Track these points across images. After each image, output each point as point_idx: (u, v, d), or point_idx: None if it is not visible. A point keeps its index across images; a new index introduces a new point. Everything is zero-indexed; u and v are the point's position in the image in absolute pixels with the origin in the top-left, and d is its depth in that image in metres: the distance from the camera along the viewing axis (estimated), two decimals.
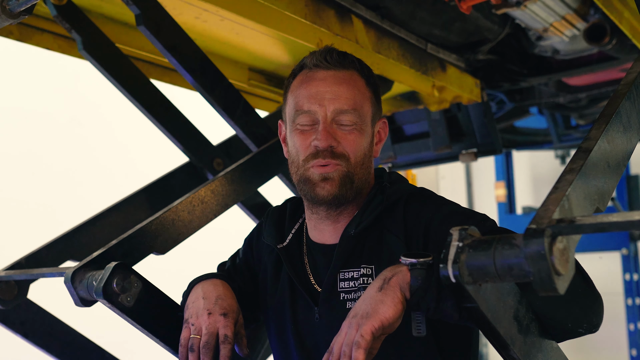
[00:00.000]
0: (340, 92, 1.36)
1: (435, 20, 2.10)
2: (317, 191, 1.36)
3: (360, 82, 1.40)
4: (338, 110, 1.35)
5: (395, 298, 1.09)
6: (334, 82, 1.37)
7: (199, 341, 1.27)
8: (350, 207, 1.41)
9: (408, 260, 1.11)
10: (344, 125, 1.36)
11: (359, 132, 1.37)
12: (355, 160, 1.37)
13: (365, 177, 1.40)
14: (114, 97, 2.30)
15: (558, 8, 2.12)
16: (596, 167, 1.04)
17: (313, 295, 1.39)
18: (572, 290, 0.89)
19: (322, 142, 1.34)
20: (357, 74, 1.41)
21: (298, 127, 1.38)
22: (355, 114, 1.36)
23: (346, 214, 1.41)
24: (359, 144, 1.37)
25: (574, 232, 0.81)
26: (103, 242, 1.68)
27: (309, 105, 1.36)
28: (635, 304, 4.53)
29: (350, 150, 1.36)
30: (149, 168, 2.74)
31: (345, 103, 1.35)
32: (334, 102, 1.35)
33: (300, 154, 1.37)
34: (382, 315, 1.08)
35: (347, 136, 1.36)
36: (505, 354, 1.04)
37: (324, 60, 1.39)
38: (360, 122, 1.37)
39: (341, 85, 1.37)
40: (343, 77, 1.38)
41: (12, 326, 1.67)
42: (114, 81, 1.90)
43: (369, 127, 1.40)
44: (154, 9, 1.74)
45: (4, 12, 1.27)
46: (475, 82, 2.59)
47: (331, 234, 1.43)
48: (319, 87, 1.37)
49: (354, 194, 1.38)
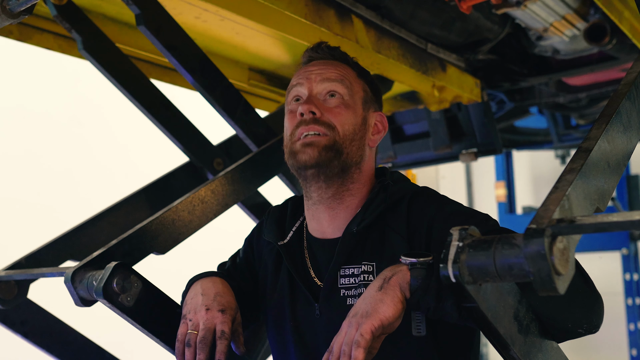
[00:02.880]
0: (328, 69, 1.43)
1: (435, 20, 2.10)
2: (299, 157, 1.37)
3: (350, 70, 1.46)
4: (324, 79, 1.40)
5: (395, 297, 1.09)
6: (323, 64, 1.44)
7: (195, 336, 1.27)
8: (343, 193, 1.40)
9: (408, 259, 1.11)
10: (330, 97, 1.40)
11: (345, 106, 1.40)
12: (343, 132, 1.38)
13: (357, 157, 1.40)
14: (114, 97, 2.30)
15: (558, 8, 2.12)
16: (596, 167, 1.03)
17: (313, 292, 1.39)
18: (572, 290, 0.89)
19: (303, 106, 1.37)
20: (347, 65, 1.47)
21: (289, 107, 1.44)
22: (341, 84, 1.40)
23: (340, 201, 1.40)
24: (346, 117, 1.39)
25: (574, 232, 0.81)
26: (103, 242, 1.68)
27: (297, 82, 1.43)
28: (635, 303, 4.53)
29: (337, 121, 1.38)
30: (149, 168, 2.74)
31: (332, 74, 1.41)
32: (320, 75, 1.42)
33: (288, 129, 1.41)
34: (382, 314, 1.08)
35: (333, 109, 1.39)
36: (505, 354, 1.04)
37: (315, 52, 1.47)
38: (348, 96, 1.41)
39: (327, 66, 1.44)
40: (332, 63, 1.45)
41: (12, 326, 1.67)
42: (114, 81, 1.90)
43: (359, 107, 1.43)
44: (154, 8, 1.74)
45: (4, 12, 1.27)
46: (476, 82, 2.59)
47: (329, 225, 1.42)
48: (309, 69, 1.44)
49: (340, 167, 1.38)
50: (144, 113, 1.98)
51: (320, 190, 1.39)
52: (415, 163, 3.15)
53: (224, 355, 1.26)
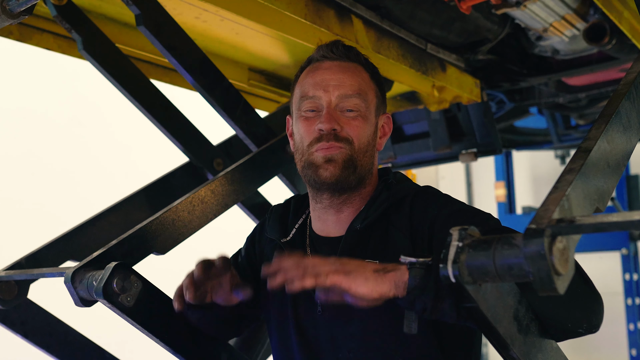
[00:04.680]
0: (344, 79, 1.40)
1: (435, 20, 2.10)
2: (319, 173, 1.37)
3: (364, 73, 1.44)
4: (342, 96, 1.39)
5: (380, 289, 1.08)
6: (339, 70, 1.42)
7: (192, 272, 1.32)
8: (353, 198, 1.41)
9: (407, 259, 1.11)
10: (348, 111, 1.39)
11: (362, 118, 1.40)
12: (359, 145, 1.39)
13: (369, 166, 1.42)
14: (114, 97, 2.30)
15: (558, 8, 2.12)
16: (596, 167, 1.04)
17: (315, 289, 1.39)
18: (572, 290, 0.89)
19: (325, 124, 1.36)
20: (361, 67, 1.45)
21: (303, 113, 1.42)
22: (359, 98, 1.39)
23: (349, 205, 1.41)
24: (363, 129, 1.39)
25: (574, 232, 0.81)
26: (103, 242, 1.67)
27: (314, 92, 1.40)
28: (635, 303, 4.53)
29: (354, 135, 1.38)
30: (149, 168, 2.74)
31: (349, 89, 1.39)
32: (338, 88, 1.39)
33: (305, 139, 1.40)
34: (356, 287, 1.07)
35: (351, 122, 1.39)
36: (505, 353, 1.04)
37: (330, 52, 1.44)
38: (364, 109, 1.40)
39: (346, 74, 1.41)
40: (348, 67, 1.43)
41: (12, 326, 1.66)
42: (114, 81, 1.90)
43: (373, 116, 1.43)
44: (154, 9, 1.74)
45: (4, 12, 1.28)
46: (475, 82, 2.59)
47: (335, 225, 1.43)
48: (324, 75, 1.41)
49: (356, 181, 1.39)
50: (143, 113, 1.98)
51: (333, 198, 1.41)
52: (415, 163, 3.15)
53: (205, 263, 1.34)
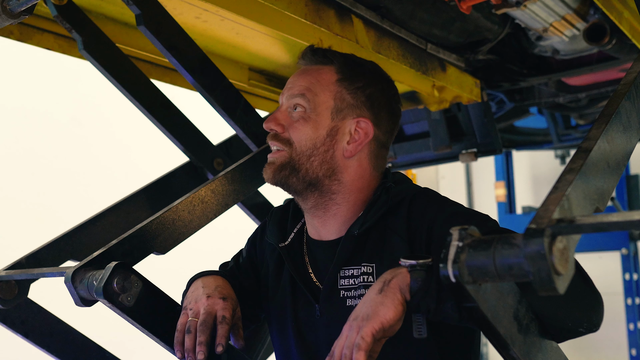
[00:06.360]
0: (298, 81, 1.42)
1: (435, 20, 2.10)
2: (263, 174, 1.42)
3: (328, 75, 1.42)
4: (290, 96, 1.41)
5: (395, 300, 1.09)
6: (301, 73, 1.44)
7: (196, 323, 1.25)
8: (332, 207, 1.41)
9: (407, 262, 1.11)
10: (294, 112, 1.40)
11: (305, 119, 1.38)
12: (300, 148, 1.38)
13: (322, 171, 1.38)
14: (114, 97, 2.30)
15: (558, 8, 2.12)
16: (596, 167, 1.04)
17: (314, 293, 1.39)
18: (572, 290, 0.89)
19: (264, 123, 1.40)
20: (329, 68, 1.43)
21: None
22: (302, 98, 1.39)
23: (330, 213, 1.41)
24: (304, 132, 1.38)
25: (574, 232, 0.81)
26: (103, 242, 1.68)
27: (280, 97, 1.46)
28: (635, 303, 4.53)
29: (295, 137, 1.38)
30: (150, 168, 2.74)
31: (297, 89, 1.40)
32: (290, 89, 1.42)
33: None
34: (383, 317, 1.08)
35: (294, 123, 1.39)
36: (505, 353, 1.04)
37: (301, 59, 1.47)
38: (309, 110, 1.39)
39: (303, 75, 1.43)
40: (311, 70, 1.44)
41: (12, 326, 1.67)
42: (114, 81, 1.90)
43: (325, 118, 1.39)
44: (154, 9, 1.74)
45: (5, 12, 1.28)
46: (475, 82, 2.59)
47: (323, 229, 1.43)
48: (291, 79, 1.45)
49: (305, 184, 1.38)
50: (144, 113, 1.98)
51: (300, 201, 1.43)
52: (415, 163, 3.15)
53: (225, 340, 1.23)
